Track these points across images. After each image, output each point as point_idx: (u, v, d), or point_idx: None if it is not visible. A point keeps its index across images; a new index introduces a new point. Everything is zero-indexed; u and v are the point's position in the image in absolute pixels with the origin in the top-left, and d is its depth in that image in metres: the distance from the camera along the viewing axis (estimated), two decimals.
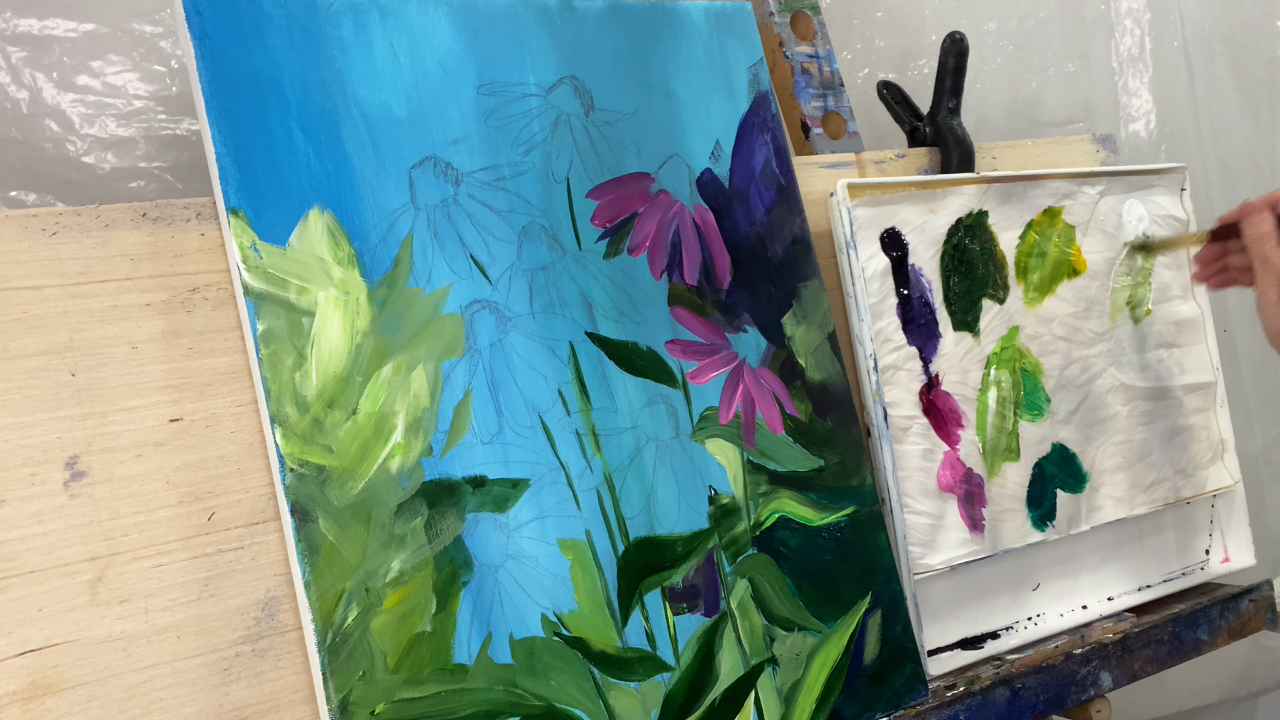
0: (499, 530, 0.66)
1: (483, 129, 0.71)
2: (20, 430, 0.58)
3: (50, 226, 0.60)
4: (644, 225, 0.76)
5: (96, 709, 0.57)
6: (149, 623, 0.59)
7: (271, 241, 0.63)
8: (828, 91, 0.98)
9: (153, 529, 0.60)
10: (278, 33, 0.65)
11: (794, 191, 0.83)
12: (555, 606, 0.67)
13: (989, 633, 0.89)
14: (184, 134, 0.81)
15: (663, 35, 0.79)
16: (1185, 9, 1.34)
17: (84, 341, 0.60)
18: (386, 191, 0.67)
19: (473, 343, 0.68)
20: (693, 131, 0.79)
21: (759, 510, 0.76)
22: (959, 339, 0.89)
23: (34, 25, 0.77)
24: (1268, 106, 1.41)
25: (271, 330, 0.62)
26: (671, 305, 0.76)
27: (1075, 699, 0.88)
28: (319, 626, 0.60)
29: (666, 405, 0.74)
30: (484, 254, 0.69)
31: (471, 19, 0.71)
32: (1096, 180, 0.98)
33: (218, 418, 0.62)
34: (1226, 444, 1.04)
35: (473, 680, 0.64)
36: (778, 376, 0.79)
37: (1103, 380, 0.96)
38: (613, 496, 0.71)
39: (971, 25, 1.20)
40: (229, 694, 0.60)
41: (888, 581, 0.81)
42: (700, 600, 0.73)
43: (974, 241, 0.91)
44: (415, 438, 0.65)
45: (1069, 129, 1.28)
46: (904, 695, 0.80)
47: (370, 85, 0.67)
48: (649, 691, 0.70)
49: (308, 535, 0.61)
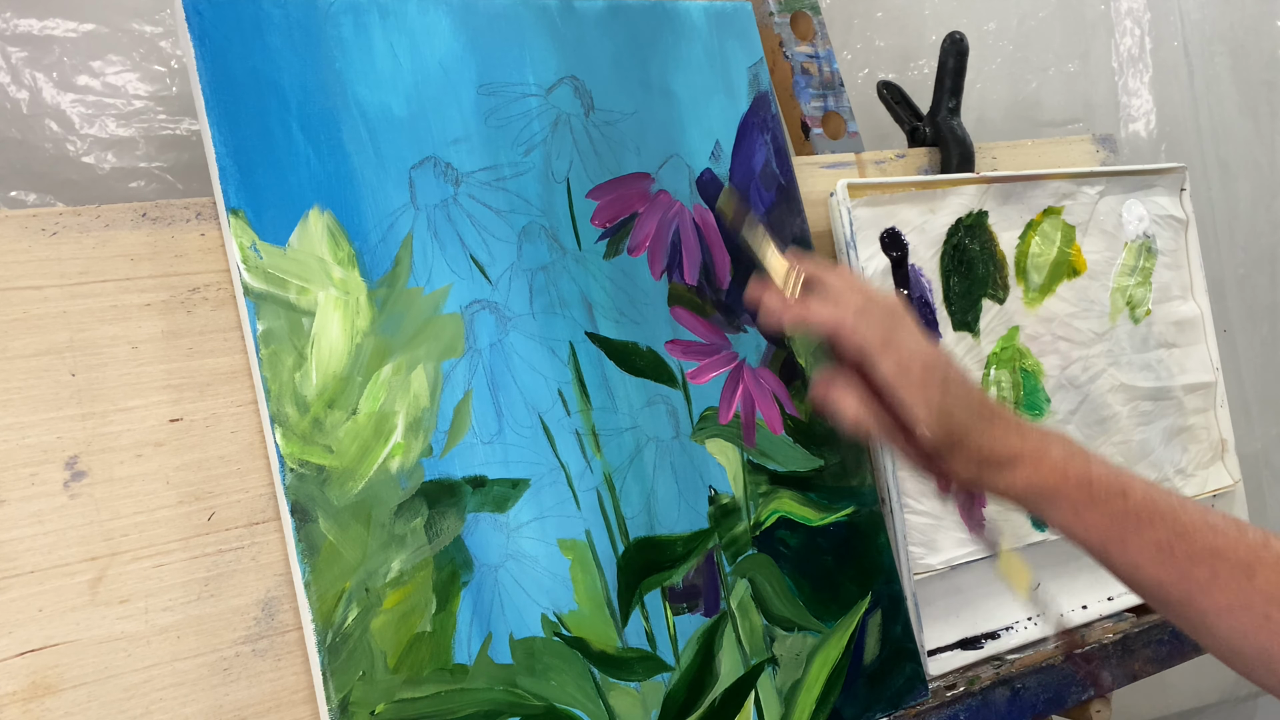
0: (499, 530, 0.66)
1: (483, 129, 0.71)
2: (20, 430, 0.58)
3: (50, 226, 0.60)
4: (644, 225, 0.76)
5: (96, 709, 0.57)
6: (149, 623, 0.59)
7: (271, 241, 0.63)
8: (828, 91, 0.98)
9: (153, 529, 0.60)
10: (278, 33, 0.65)
11: (794, 191, 0.83)
12: (555, 606, 0.67)
13: (989, 633, 0.89)
14: (184, 134, 0.81)
15: (663, 35, 0.79)
16: (1185, 9, 1.34)
17: (84, 341, 0.60)
18: (386, 191, 0.67)
19: (473, 343, 0.68)
20: (693, 131, 0.79)
21: (759, 510, 0.76)
22: (959, 339, 0.89)
23: (34, 25, 0.77)
24: (1268, 106, 1.41)
25: (271, 330, 0.62)
26: (671, 305, 0.76)
27: (1075, 699, 0.88)
28: (319, 626, 0.60)
29: (666, 405, 0.74)
30: (484, 254, 0.69)
31: (471, 19, 0.71)
32: (1096, 180, 0.98)
33: (218, 418, 0.62)
34: (1226, 444, 1.04)
35: (473, 680, 0.64)
36: (778, 376, 0.79)
37: (1103, 380, 0.96)
38: (613, 496, 0.71)
39: (971, 25, 1.20)
40: (229, 694, 0.60)
41: (888, 581, 0.81)
42: (700, 600, 0.73)
43: (974, 241, 0.91)
44: (415, 438, 0.65)
45: (1069, 129, 1.28)
46: (904, 695, 0.80)
47: (370, 85, 0.67)
48: (649, 691, 0.70)
49: (308, 535, 0.61)
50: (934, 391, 0.63)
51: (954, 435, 0.63)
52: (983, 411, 0.64)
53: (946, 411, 0.63)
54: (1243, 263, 1.39)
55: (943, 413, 0.63)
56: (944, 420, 0.63)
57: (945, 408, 0.63)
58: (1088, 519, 0.62)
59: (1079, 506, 0.62)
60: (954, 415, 0.63)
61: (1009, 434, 0.64)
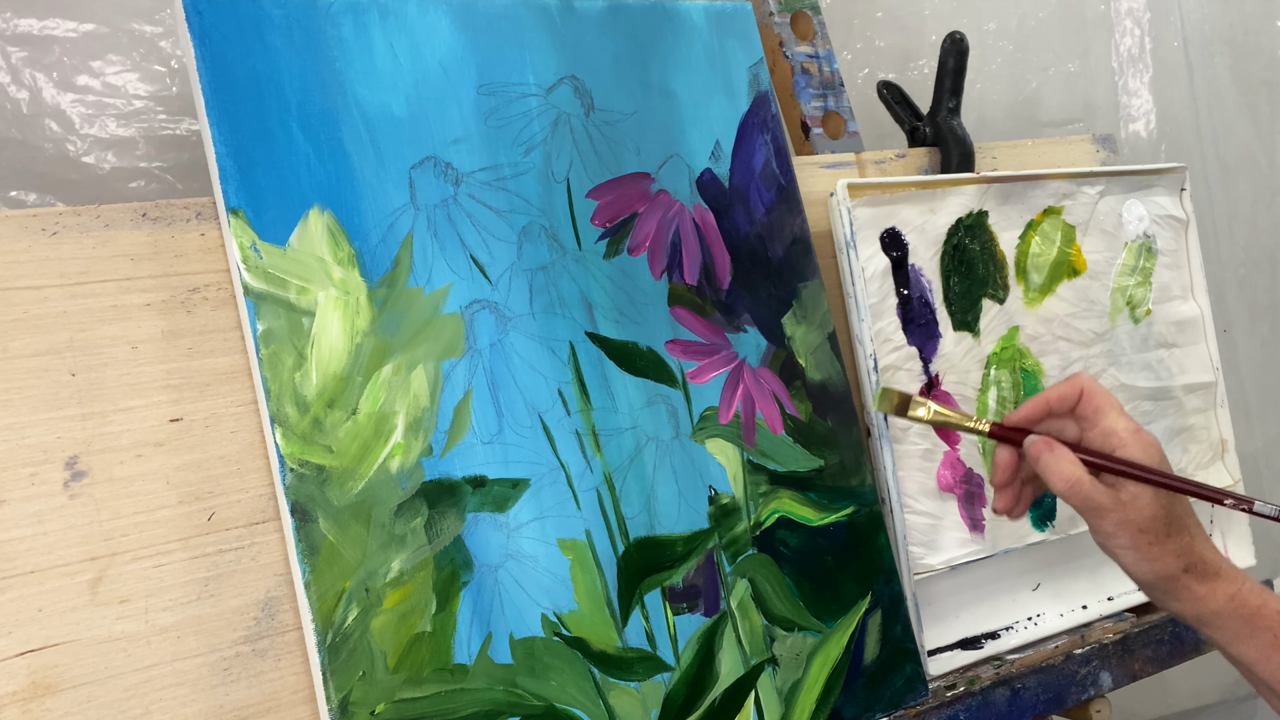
0: (499, 530, 0.66)
1: (483, 129, 0.71)
2: (20, 430, 0.58)
3: (50, 226, 0.60)
4: (644, 225, 0.76)
5: (96, 709, 0.57)
6: (149, 623, 0.59)
7: (271, 241, 0.63)
8: (828, 91, 0.98)
9: (153, 529, 0.60)
10: (278, 33, 0.65)
11: (794, 191, 0.83)
12: (555, 606, 0.67)
13: (989, 633, 0.89)
14: (184, 134, 0.81)
15: (663, 35, 0.79)
16: (1185, 9, 1.34)
17: (84, 341, 0.60)
18: (386, 191, 0.67)
19: (473, 343, 0.68)
20: (693, 131, 0.79)
21: (759, 510, 0.76)
22: (959, 339, 0.89)
23: (34, 25, 0.77)
24: (1268, 106, 1.41)
25: (271, 330, 0.62)
26: (671, 305, 0.76)
27: (1075, 699, 0.88)
28: (319, 626, 0.60)
29: (666, 405, 0.74)
30: (484, 254, 0.69)
31: (471, 19, 0.71)
32: (1096, 180, 0.98)
33: (218, 418, 0.62)
34: (1226, 444, 1.04)
35: (473, 680, 0.64)
36: (778, 376, 0.79)
37: (1103, 380, 0.96)
38: (613, 496, 0.71)
39: (971, 25, 1.20)
40: (229, 694, 0.60)
41: (888, 581, 0.81)
42: (700, 600, 0.73)
43: (974, 241, 0.91)
44: (415, 438, 0.65)
45: (1069, 129, 1.28)
46: (904, 695, 0.80)
47: (370, 85, 0.67)
48: (649, 691, 0.70)
49: (308, 535, 0.61)
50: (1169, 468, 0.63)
51: (1172, 518, 0.63)
52: (1193, 514, 0.65)
53: (1170, 501, 0.63)
54: (1243, 263, 1.40)
55: (1169, 500, 0.63)
56: (1169, 506, 0.63)
57: (1169, 497, 0.63)
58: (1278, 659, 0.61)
59: (1278, 636, 0.61)
60: (1175, 504, 0.63)
61: (1215, 549, 0.65)
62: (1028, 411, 0.67)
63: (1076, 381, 0.66)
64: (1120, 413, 0.65)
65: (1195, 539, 0.64)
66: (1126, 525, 0.62)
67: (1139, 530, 0.62)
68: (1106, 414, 0.64)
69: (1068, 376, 0.69)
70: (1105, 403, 0.65)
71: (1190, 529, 0.64)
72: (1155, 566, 0.63)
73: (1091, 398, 0.65)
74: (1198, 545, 0.63)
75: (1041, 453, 0.65)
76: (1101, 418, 0.65)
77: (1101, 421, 0.65)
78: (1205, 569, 0.63)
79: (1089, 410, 0.65)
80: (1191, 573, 0.63)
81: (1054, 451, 0.64)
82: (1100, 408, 0.65)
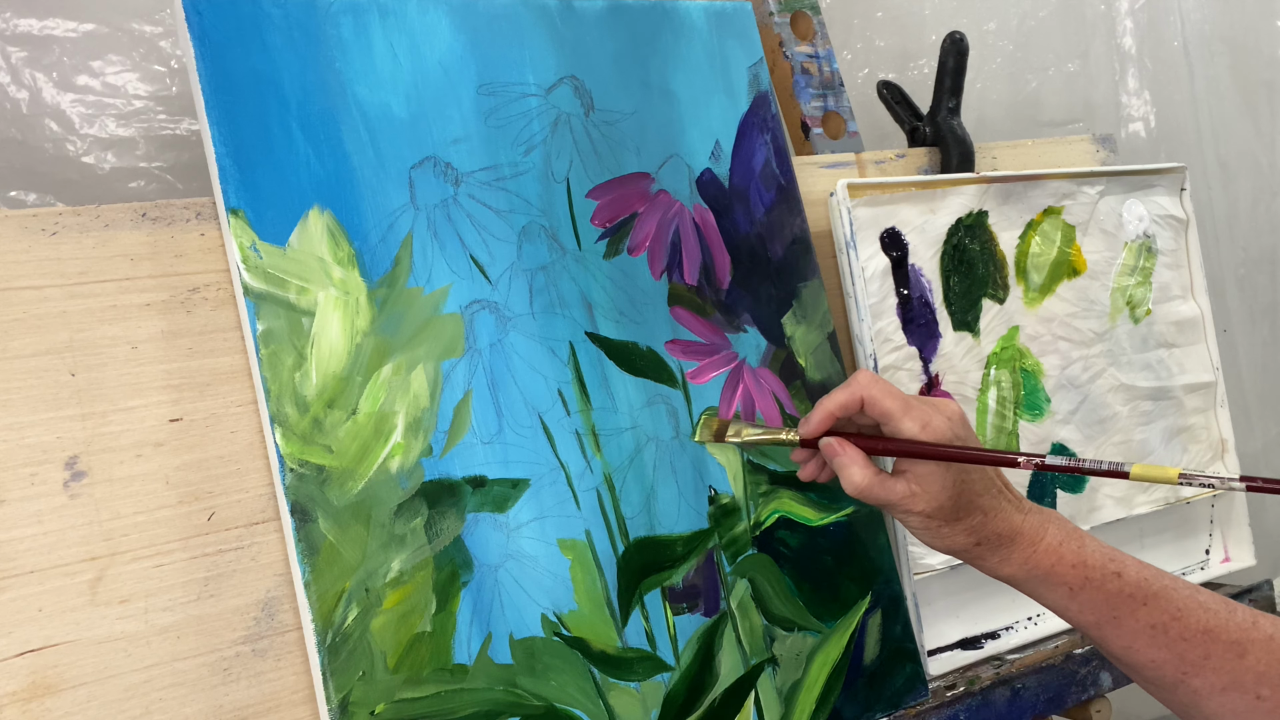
0: (499, 530, 0.66)
1: (483, 129, 0.71)
2: (20, 430, 0.58)
3: (50, 226, 0.60)
4: (644, 225, 0.76)
5: (96, 709, 0.57)
6: (149, 623, 0.59)
7: (271, 241, 0.63)
8: (828, 91, 0.98)
9: (153, 529, 0.60)
10: (278, 33, 0.65)
11: (794, 191, 0.83)
12: (555, 606, 0.67)
13: (989, 633, 0.89)
14: (184, 134, 0.81)
15: (663, 35, 0.79)
16: (1185, 9, 1.34)
17: (84, 341, 0.60)
18: (386, 191, 0.67)
19: (473, 343, 0.68)
20: (692, 131, 0.79)
21: (759, 510, 0.76)
22: (959, 339, 0.89)
23: (34, 25, 0.77)
24: (1268, 106, 1.41)
25: (271, 330, 0.62)
26: (671, 305, 0.76)
27: (1075, 699, 0.88)
28: (319, 626, 0.60)
29: (666, 405, 0.74)
30: (484, 254, 0.69)
31: (471, 19, 0.71)
32: (1096, 180, 0.98)
33: (218, 418, 0.62)
34: (1226, 444, 1.04)
35: (473, 680, 0.64)
36: (778, 376, 0.79)
37: (1103, 380, 0.96)
38: (613, 496, 0.71)
39: (971, 25, 1.20)
40: (229, 694, 0.60)
41: (888, 581, 0.81)
42: (700, 600, 0.73)
43: (974, 241, 0.91)
44: (415, 438, 0.65)
45: (1069, 129, 1.28)
46: (904, 695, 0.80)
47: (370, 85, 0.67)
48: (649, 691, 0.70)
49: (308, 535, 0.61)
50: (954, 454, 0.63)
51: (961, 502, 0.64)
52: (993, 486, 0.65)
53: (962, 479, 0.63)
54: (1243, 263, 1.40)
55: (959, 480, 0.63)
56: (959, 487, 0.63)
57: (961, 475, 0.63)
58: (1082, 600, 0.63)
59: (1074, 588, 0.63)
60: (970, 483, 0.64)
61: (1011, 512, 0.65)
62: (816, 423, 0.67)
63: (856, 389, 0.65)
64: (892, 395, 0.65)
65: (990, 516, 0.64)
66: (916, 512, 0.64)
67: (928, 516, 0.64)
68: (882, 402, 0.65)
69: (850, 376, 0.68)
70: (880, 393, 0.65)
71: (984, 508, 0.64)
72: (946, 544, 0.65)
73: (873, 404, 0.65)
74: (991, 522, 0.64)
75: (833, 456, 0.66)
76: (887, 417, 0.65)
77: (889, 420, 0.65)
78: (999, 540, 0.64)
79: (876, 413, 0.65)
80: (985, 545, 0.64)
81: (843, 456, 0.66)
82: (887, 411, 0.65)
